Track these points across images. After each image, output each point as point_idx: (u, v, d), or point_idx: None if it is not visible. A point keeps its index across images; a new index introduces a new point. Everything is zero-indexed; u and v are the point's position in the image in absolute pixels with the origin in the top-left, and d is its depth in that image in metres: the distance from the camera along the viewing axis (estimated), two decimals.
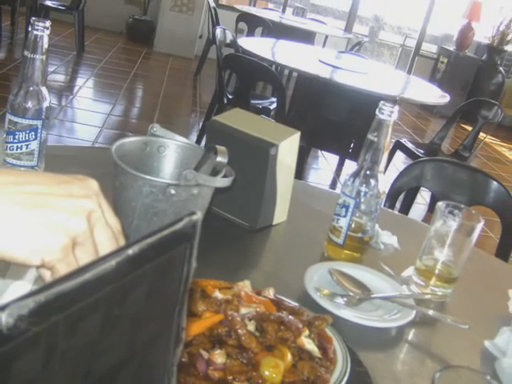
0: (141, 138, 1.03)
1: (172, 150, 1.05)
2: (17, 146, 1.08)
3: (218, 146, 0.97)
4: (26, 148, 1.08)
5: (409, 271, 1.12)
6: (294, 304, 0.86)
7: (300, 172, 3.39)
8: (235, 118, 1.20)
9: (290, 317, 0.76)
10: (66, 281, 0.32)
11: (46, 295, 0.31)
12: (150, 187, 0.89)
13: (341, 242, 1.11)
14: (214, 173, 0.95)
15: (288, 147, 1.15)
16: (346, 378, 0.73)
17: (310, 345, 0.75)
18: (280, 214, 1.23)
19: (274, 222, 1.22)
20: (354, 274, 1.03)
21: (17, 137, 1.07)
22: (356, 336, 0.90)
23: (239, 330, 0.71)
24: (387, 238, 1.23)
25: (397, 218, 1.47)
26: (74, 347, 0.33)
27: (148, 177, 0.88)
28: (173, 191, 0.88)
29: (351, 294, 0.99)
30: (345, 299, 0.97)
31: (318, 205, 1.36)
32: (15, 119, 1.07)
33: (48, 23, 1.05)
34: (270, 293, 0.88)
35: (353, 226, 1.10)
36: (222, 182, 0.94)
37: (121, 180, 0.92)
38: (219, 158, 0.95)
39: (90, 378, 0.36)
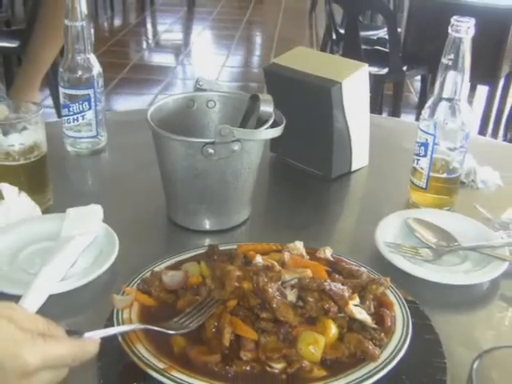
0: (185, 95, 0.97)
1: (222, 103, 0.97)
2: (73, 118, 1.07)
3: (260, 94, 0.88)
4: (83, 119, 1.08)
5: (510, 213, 0.96)
6: (354, 264, 0.77)
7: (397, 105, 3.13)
8: (296, 59, 1.09)
9: (335, 284, 0.67)
10: None
11: None
12: (186, 148, 0.83)
13: (423, 185, 0.98)
14: (261, 123, 0.87)
15: (355, 83, 1.02)
16: (403, 350, 0.63)
17: (361, 314, 0.66)
18: (359, 159, 1.11)
19: (353, 168, 1.11)
20: (437, 222, 0.90)
21: (71, 109, 1.07)
22: (433, 296, 0.79)
23: (272, 302, 0.64)
24: (487, 175, 1.07)
25: (502, 149, 1.28)
26: None
27: (181, 137, 0.82)
28: (211, 150, 0.81)
29: (432, 245, 0.87)
30: (422, 253, 0.85)
31: (407, 142, 1.21)
32: (66, 91, 1.06)
33: None
34: (326, 253, 0.79)
35: (438, 164, 0.96)
36: (266, 133, 0.85)
37: (158, 144, 0.87)
38: (263, 107, 0.86)
39: None
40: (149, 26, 5.98)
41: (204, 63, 4.82)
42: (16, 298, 0.70)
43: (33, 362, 0.49)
